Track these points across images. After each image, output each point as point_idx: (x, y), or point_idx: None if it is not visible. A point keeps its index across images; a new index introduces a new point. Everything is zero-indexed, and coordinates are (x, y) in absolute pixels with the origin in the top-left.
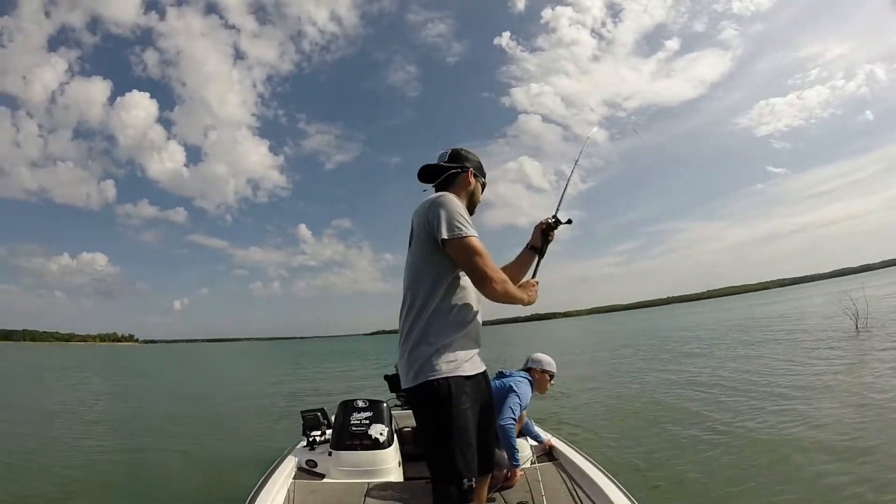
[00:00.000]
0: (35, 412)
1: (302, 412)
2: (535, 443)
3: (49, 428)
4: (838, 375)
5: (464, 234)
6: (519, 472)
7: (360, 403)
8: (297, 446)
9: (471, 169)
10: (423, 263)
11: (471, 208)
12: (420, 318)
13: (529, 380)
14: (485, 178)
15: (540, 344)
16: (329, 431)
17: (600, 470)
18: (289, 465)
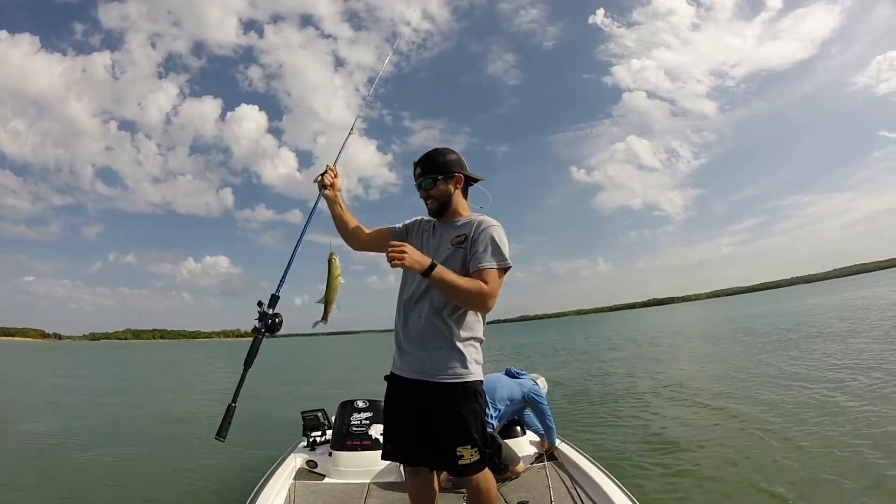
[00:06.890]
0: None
1: (302, 413)
2: (535, 438)
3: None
4: None
5: None
6: (520, 471)
7: (361, 404)
8: (298, 447)
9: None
10: None
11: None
12: None
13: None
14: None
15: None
16: (329, 432)
17: (601, 470)
18: (289, 466)
